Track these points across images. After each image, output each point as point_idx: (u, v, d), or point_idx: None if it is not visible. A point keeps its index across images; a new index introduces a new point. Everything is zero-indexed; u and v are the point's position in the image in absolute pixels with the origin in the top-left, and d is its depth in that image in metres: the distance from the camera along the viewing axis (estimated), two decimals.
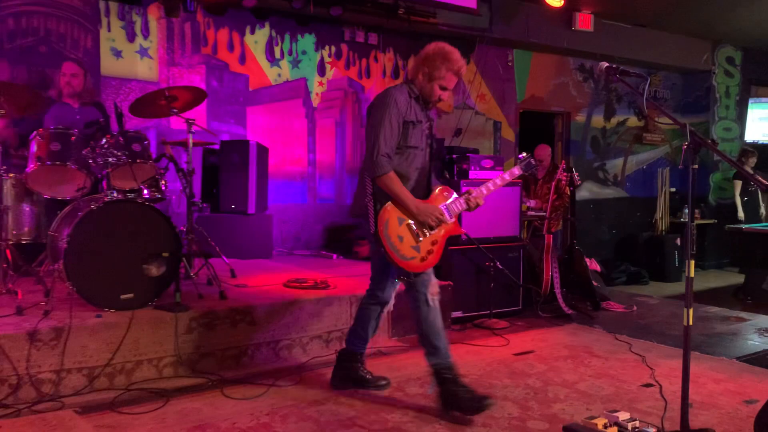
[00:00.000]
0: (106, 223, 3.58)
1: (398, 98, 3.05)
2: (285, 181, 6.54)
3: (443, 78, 3.08)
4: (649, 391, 3.45)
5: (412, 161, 3.09)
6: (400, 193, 2.99)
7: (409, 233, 3.05)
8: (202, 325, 3.69)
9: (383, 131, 2.98)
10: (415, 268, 3.07)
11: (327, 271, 5.13)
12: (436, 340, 3.14)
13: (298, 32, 6.56)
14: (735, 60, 10.34)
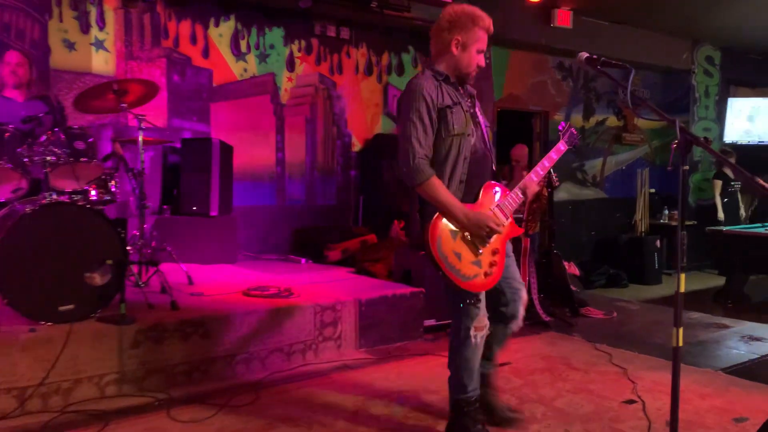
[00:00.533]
0: (43, 228, 3.26)
1: (424, 85, 2.60)
2: (251, 181, 6.23)
3: (480, 40, 2.67)
4: (631, 408, 3.22)
5: (460, 150, 2.62)
6: (445, 201, 2.53)
7: (467, 247, 2.58)
8: (149, 338, 3.39)
9: (415, 130, 2.55)
10: (480, 287, 2.63)
11: (294, 277, 4.85)
12: (466, 378, 2.73)
13: (266, 25, 6.26)
14: (714, 60, 10.23)
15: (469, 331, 2.66)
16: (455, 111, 2.62)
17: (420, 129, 2.56)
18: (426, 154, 2.56)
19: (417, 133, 2.55)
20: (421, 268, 4.65)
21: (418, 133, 2.55)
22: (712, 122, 10.41)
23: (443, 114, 2.60)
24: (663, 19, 8.45)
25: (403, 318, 4.41)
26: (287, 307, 3.90)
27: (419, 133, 2.55)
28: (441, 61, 2.71)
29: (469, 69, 2.70)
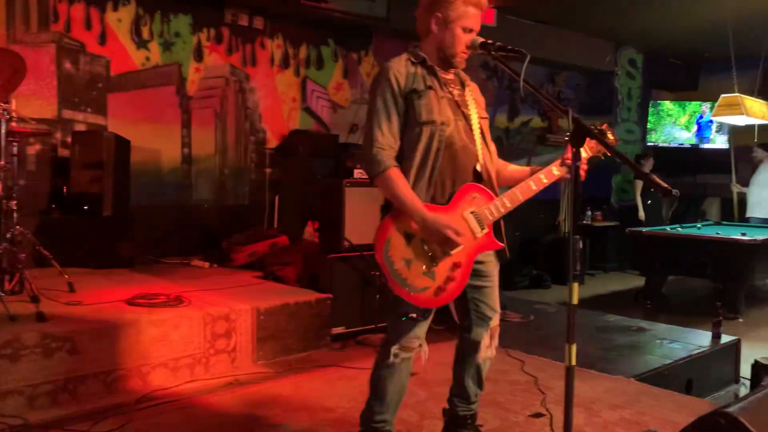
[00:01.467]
0: None
1: (393, 67, 2.31)
2: (153, 179, 5.79)
3: (463, 15, 2.32)
4: (538, 423, 3.03)
5: (430, 142, 2.29)
6: (402, 197, 2.21)
7: (421, 255, 2.26)
8: (3, 356, 2.97)
9: (377, 117, 2.27)
10: (426, 303, 2.28)
11: (192, 283, 4.47)
12: (375, 403, 2.42)
13: (171, 11, 5.83)
14: (637, 62, 10.38)
15: (392, 348, 2.35)
16: (426, 96, 2.30)
17: (383, 115, 2.27)
18: (389, 144, 2.26)
19: (379, 120, 2.26)
20: (330, 272, 4.37)
21: (381, 120, 2.26)
22: (634, 124, 10.56)
23: (410, 99, 2.29)
24: (587, 20, 8.46)
25: (307, 327, 4.10)
26: (175, 316, 3.54)
27: (381, 119, 2.26)
28: (423, 43, 2.42)
29: (453, 49, 2.35)
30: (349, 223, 4.42)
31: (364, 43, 7.24)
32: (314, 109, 6.92)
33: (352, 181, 4.51)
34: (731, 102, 7.49)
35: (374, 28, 7.03)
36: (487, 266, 2.44)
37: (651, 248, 7.28)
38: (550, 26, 8.59)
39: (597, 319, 5.38)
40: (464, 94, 2.42)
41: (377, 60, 7.33)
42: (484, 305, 2.45)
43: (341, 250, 4.42)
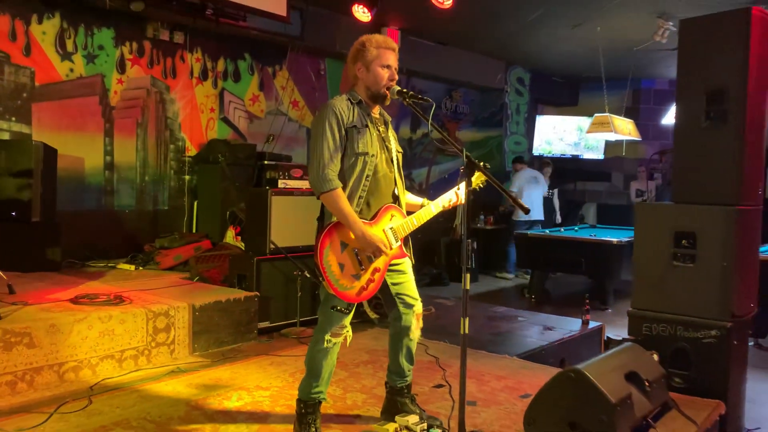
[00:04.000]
0: None
1: (336, 105, 2.84)
2: (77, 185, 6.03)
3: (378, 56, 2.89)
4: (439, 391, 3.69)
5: (363, 169, 2.84)
6: (347, 213, 2.74)
7: (351, 261, 2.80)
8: None
9: (326, 143, 2.76)
10: (352, 299, 2.83)
11: (124, 284, 4.83)
12: (311, 378, 2.94)
13: (95, 25, 6.10)
14: (525, 80, 11.47)
15: (325, 335, 2.89)
16: (362, 132, 2.85)
17: (330, 142, 2.78)
18: (334, 167, 2.77)
19: (327, 146, 2.77)
20: (257, 272, 4.86)
21: (329, 146, 2.77)
22: (522, 137, 11.64)
23: (350, 133, 2.83)
24: (480, 42, 9.36)
25: (237, 321, 4.58)
26: (119, 314, 3.93)
27: (329, 145, 2.78)
28: (356, 86, 2.97)
29: (379, 85, 2.90)
30: (275, 228, 4.93)
31: (279, 58, 7.74)
32: (231, 119, 7.35)
33: (277, 191, 5.02)
34: (602, 120, 8.62)
35: (289, 46, 7.54)
36: (403, 266, 3.07)
37: (534, 249, 8.22)
38: (449, 47, 9.44)
39: (487, 310, 6.18)
40: (387, 132, 3.03)
41: (291, 75, 7.84)
42: (406, 296, 3.08)
43: (267, 252, 4.92)
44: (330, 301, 2.85)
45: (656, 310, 3.85)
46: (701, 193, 3.76)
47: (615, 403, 2.60)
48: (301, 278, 4.96)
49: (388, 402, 3.21)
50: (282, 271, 5.00)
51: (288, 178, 5.31)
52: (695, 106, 3.78)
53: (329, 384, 3.07)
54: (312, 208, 5.02)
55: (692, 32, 3.87)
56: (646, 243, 3.96)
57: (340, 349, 3.00)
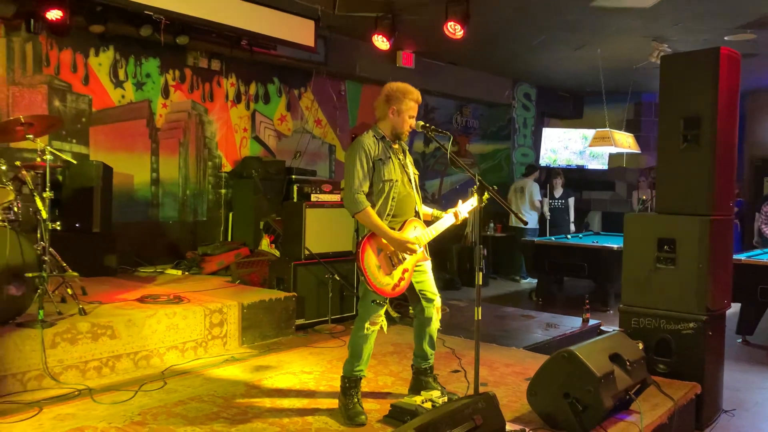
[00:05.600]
0: None
1: (365, 142, 3.47)
2: (128, 199, 6.73)
3: (409, 108, 3.54)
4: (456, 375, 4.33)
5: (389, 192, 3.48)
6: (376, 225, 3.38)
7: (386, 263, 3.44)
8: (65, 339, 3.95)
9: (357, 173, 3.41)
10: (387, 294, 3.44)
11: (177, 287, 5.50)
12: (353, 359, 3.55)
13: (143, 56, 6.81)
14: (531, 96, 12.09)
15: (365, 323, 3.54)
16: (387, 163, 3.50)
17: (360, 173, 3.42)
18: (364, 191, 3.41)
19: (357, 175, 3.42)
20: (293, 275, 5.52)
21: (359, 175, 3.42)
22: (529, 149, 12.26)
23: (377, 165, 3.48)
24: (488, 61, 10.02)
25: (278, 318, 5.24)
26: (181, 311, 4.60)
27: (360, 174, 3.42)
28: (382, 123, 3.61)
29: (402, 129, 3.56)
30: (308, 236, 5.60)
31: (305, 81, 8.44)
32: (262, 137, 8.04)
33: (310, 203, 5.69)
34: (603, 135, 9.23)
35: (314, 70, 8.24)
36: (424, 267, 3.72)
37: (541, 255, 8.83)
38: (459, 66, 10.11)
39: (497, 310, 6.82)
40: (405, 159, 3.70)
41: (315, 96, 8.54)
42: (427, 292, 3.73)
43: (302, 257, 5.58)
44: (369, 296, 3.50)
45: (642, 306, 4.47)
46: (680, 204, 4.39)
47: (599, 377, 3.23)
48: (332, 281, 5.61)
49: (415, 381, 3.85)
50: (315, 275, 5.66)
51: (319, 192, 5.96)
52: (674, 130, 4.41)
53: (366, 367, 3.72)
54: (341, 219, 5.73)
55: (671, 67, 4.51)
56: (634, 248, 4.59)
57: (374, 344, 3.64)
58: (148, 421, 3.38)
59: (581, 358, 3.33)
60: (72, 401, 3.64)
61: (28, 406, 3.52)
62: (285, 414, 3.57)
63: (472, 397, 2.85)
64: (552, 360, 3.46)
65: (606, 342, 3.71)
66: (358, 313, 3.65)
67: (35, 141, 4.36)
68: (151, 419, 3.41)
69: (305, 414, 3.59)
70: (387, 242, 3.45)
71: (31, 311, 4.00)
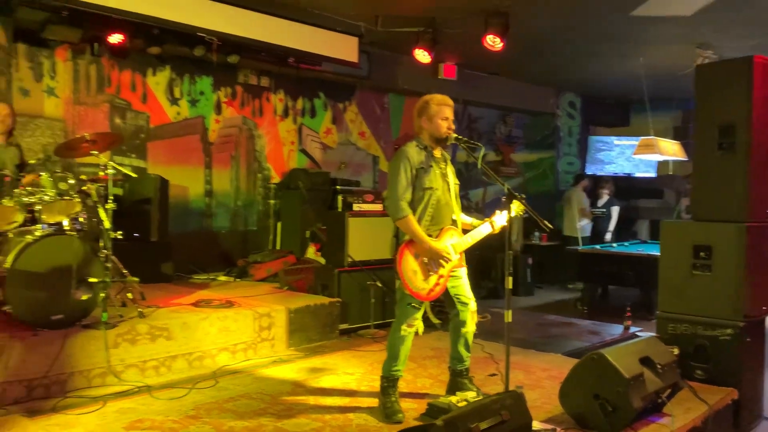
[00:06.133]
0: (40, 253, 4.09)
1: (408, 152, 3.66)
2: (183, 210, 7.10)
3: (439, 112, 3.71)
4: (493, 379, 4.47)
5: (428, 200, 3.65)
6: (415, 232, 3.56)
7: (422, 269, 3.62)
8: (126, 340, 4.27)
9: (399, 181, 3.60)
10: (423, 298, 3.63)
11: (228, 292, 5.80)
12: (390, 360, 3.73)
13: (197, 75, 7.21)
14: (576, 104, 12.10)
15: (401, 325, 3.73)
16: (427, 171, 3.68)
17: (403, 181, 3.62)
18: (407, 199, 3.60)
19: (401, 183, 3.61)
20: (337, 282, 5.76)
21: (402, 183, 3.61)
22: (574, 157, 12.26)
23: (419, 173, 3.66)
24: (530, 71, 10.11)
25: (323, 323, 5.48)
26: (232, 314, 4.88)
27: (402, 183, 3.61)
28: (421, 135, 3.81)
29: (440, 132, 3.72)
30: (351, 244, 5.83)
31: (349, 95, 8.72)
32: (308, 150, 8.35)
33: (352, 213, 5.93)
34: (648, 143, 9.18)
35: (357, 84, 8.52)
36: (459, 273, 3.89)
37: (585, 263, 8.83)
38: (502, 77, 10.23)
39: (539, 317, 6.90)
40: (446, 168, 3.87)
41: (359, 109, 8.81)
42: (462, 296, 3.89)
43: (345, 265, 5.82)
44: (406, 300, 3.69)
45: (679, 312, 4.52)
46: (716, 212, 4.44)
47: (628, 379, 3.34)
48: (374, 287, 5.82)
49: (451, 382, 4.02)
50: (358, 281, 5.88)
51: (362, 202, 6.20)
52: (710, 138, 4.47)
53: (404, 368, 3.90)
54: (383, 227, 5.92)
55: (706, 76, 4.58)
56: (670, 255, 4.64)
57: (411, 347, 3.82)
58: (202, 416, 3.64)
59: (610, 360, 3.44)
60: (132, 397, 3.94)
61: (93, 400, 3.84)
62: (327, 411, 3.79)
63: (500, 394, 3.00)
64: (582, 362, 3.58)
65: (637, 346, 3.80)
66: (396, 315, 3.84)
67: (99, 156, 4.73)
68: (204, 413, 3.68)
69: (346, 411, 3.80)
70: (424, 249, 3.63)
71: (95, 314, 4.34)
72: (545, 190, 11.93)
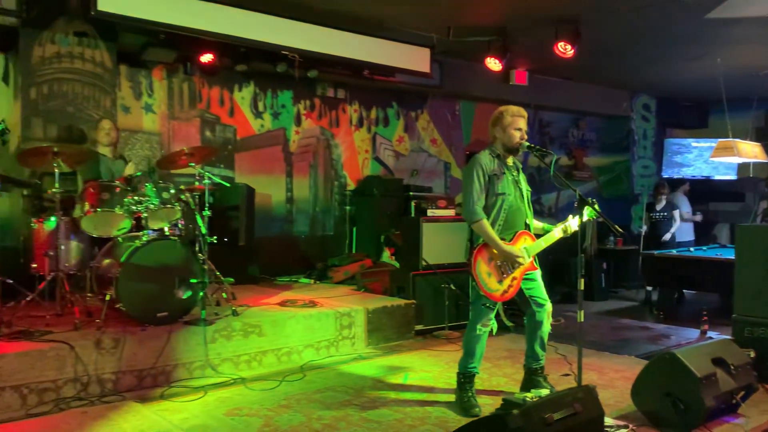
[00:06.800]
0: (148, 256, 4.54)
1: (482, 159, 3.89)
2: (266, 216, 7.54)
3: (512, 122, 3.94)
4: (566, 378, 4.60)
5: (501, 205, 3.87)
6: (489, 236, 3.76)
7: (496, 271, 3.84)
8: (222, 336, 4.67)
9: (474, 187, 3.82)
10: (496, 299, 3.85)
11: (311, 293, 6.15)
12: (466, 357, 3.96)
13: (278, 89, 7.65)
14: (650, 107, 11.92)
15: (476, 325, 3.95)
16: (500, 177, 3.90)
17: (477, 186, 3.84)
18: (481, 203, 3.81)
19: (475, 189, 3.83)
20: (412, 284, 6.01)
21: (476, 189, 3.83)
22: (650, 160, 12.06)
23: (492, 179, 3.89)
24: (603, 74, 10.06)
25: (399, 323, 5.75)
26: (316, 313, 5.22)
27: (476, 188, 3.84)
28: (495, 143, 4.04)
29: (512, 143, 3.94)
30: (426, 248, 6.07)
31: (421, 103, 8.98)
32: (382, 158, 8.66)
33: (426, 218, 6.17)
34: (726, 146, 8.98)
35: (429, 93, 8.77)
36: (534, 276, 4.07)
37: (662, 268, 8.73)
38: (573, 81, 10.24)
39: (613, 321, 6.94)
40: (519, 175, 4.06)
41: (431, 117, 9.06)
42: (538, 297, 4.08)
43: (420, 268, 6.06)
44: (480, 300, 3.91)
45: (756, 315, 4.53)
46: None
47: (700, 378, 3.43)
48: (447, 290, 6.04)
49: (526, 379, 4.20)
50: (432, 284, 6.11)
51: (435, 208, 6.44)
52: None
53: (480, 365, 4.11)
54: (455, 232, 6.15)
55: None
56: (746, 259, 4.66)
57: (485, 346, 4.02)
58: (292, 405, 3.97)
59: (682, 359, 3.54)
60: (229, 387, 4.33)
61: (195, 390, 4.23)
62: (407, 404, 4.05)
63: (573, 388, 3.17)
64: (654, 361, 3.69)
65: (710, 347, 3.87)
66: (470, 315, 4.06)
67: (195, 168, 5.17)
68: (295, 403, 4.01)
69: (425, 405, 4.04)
70: (498, 252, 3.83)
71: (194, 312, 4.76)
72: (620, 194, 11.79)
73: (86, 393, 4.04)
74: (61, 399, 3.94)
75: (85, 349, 4.08)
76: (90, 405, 3.92)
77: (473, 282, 3.86)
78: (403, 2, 6.40)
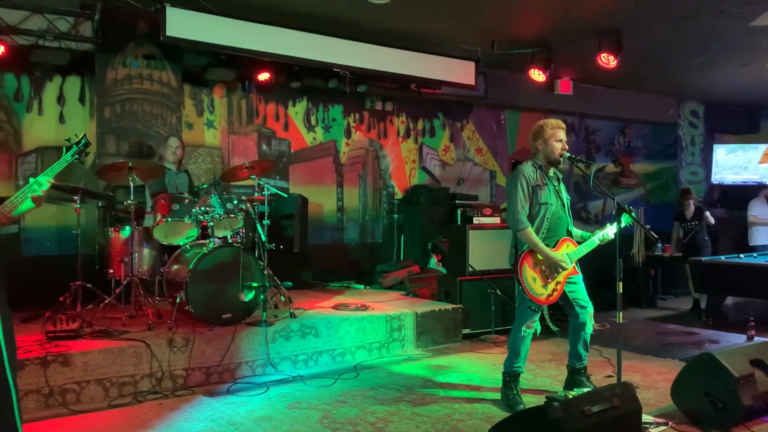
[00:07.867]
0: (214, 261, 4.91)
1: (525, 171, 4.10)
2: (318, 224, 7.90)
3: (553, 134, 4.12)
4: (610, 380, 4.76)
5: (544, 214, 4.07)
6: (534, 243, 3.98)
7: (540, 276, 4.06)
8: (282, 336, 5.01)
9: (518, 196, 4.03)
10: (541, 302, 4.07)
11: (362, 298, 6.46)
12: (511, 357, 4.19)
13: (329, 104, 8.02)
14: (698, 113, 11.85)
15: (521, 327, 4.18)
16: (542, 188, 4.11)
17: (521, 196, 4.06)
18: (525, 212, 4.04)
19: (519, 199, 4.05)
20: (459, 290, 6.25)
21: (520, 199, 4.05)
22: (698, 167, 11.98)
23: (535, 190, 4.10)
24: (649, 82, 10.11)
25: (447, 327, 5.99)
26: (368, 316, 5.51)
27: (521, 198, 4.06)
28: (537, 155, 4.26)
29: (554, 155, 4.13)
30: (472, 255, 6.31)
31: (466, 113, 9.23)
32: (428, 167, 8.94)
33: (473, 226, 6.41)
34: None
35: (474, 104, 9.01)
36: (577, 279, 4.28)
37: (709, 274, 8.72)
38: (619, 89, 10.31)
39: (658, 327, 7.02)
40: (560, 186, 4.28)
41: (476, 127, 9.30)
42: (581, 300, 4.28)
43: (467, 274, 6.30)
44: (526, 303, 4.14)
45: None
46: None
47: (738, 377, 3.57)
48: (494, 295, 6.25)
49: (569, 379, 4.40)
50: (478, 289, 6.34)
51: (481, 216, 6.66)
52: None
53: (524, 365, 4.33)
54: (501, 239, 6.37)
55: None
56: None
57: (530, 348, 4.25)
58: (348, 400, 4.27)
59: (720, 359, 3.69)
60: (288, 384, 4.65)
61: (258, 386, 4.58)
62: (456, 401, 4.30)
63: (611, 385, 3.38)
64: (694, 361, 3.84)
65: (749, 349, 4.00)
66: (515, 317, 4.29)
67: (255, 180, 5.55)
68: (350, 399, 4.30)
69: (472, 402, 4.29)
70: (542, 258, 4.06)
71: (256, 314, 5.11)
72: (668, 201, 11.76)
73: (160, 387, 4.42)
74: (138, 392, 4.34)
75: (159, 348, 4.47)
76: (164, 398, 4.30)
77: (519, 286, 4.09)
78: (449, 18, 6.67)
